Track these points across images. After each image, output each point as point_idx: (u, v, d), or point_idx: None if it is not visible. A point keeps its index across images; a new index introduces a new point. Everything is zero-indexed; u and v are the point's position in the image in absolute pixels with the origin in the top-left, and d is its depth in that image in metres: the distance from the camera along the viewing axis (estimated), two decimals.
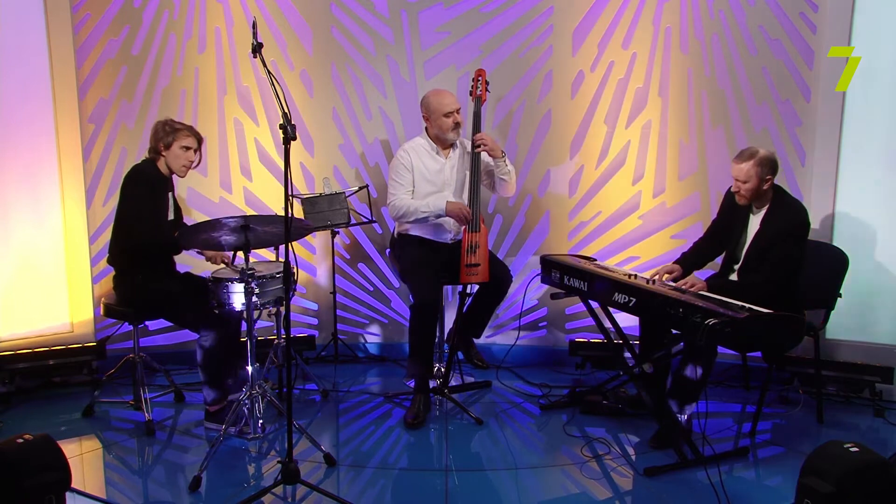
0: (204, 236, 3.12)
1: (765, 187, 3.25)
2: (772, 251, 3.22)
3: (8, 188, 3.85)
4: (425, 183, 3.72)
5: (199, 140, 3.48)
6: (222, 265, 3.61)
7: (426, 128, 3.77)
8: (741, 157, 3.24)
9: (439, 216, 3.65)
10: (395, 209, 3.69)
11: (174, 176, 3.53)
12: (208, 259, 3.63)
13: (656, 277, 3.36)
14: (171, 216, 3.55)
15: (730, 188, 3.41)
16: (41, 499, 2.27)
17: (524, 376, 4.18)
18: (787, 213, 3.26)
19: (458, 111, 3.69)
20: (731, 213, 3.45)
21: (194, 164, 3.50)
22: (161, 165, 3.45)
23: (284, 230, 2.65)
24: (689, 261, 3.52)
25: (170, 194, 3.55)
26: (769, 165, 3.22)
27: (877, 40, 3.73)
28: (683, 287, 3.21)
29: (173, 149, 3.40)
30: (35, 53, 3.85)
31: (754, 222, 3.35)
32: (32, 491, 2.26)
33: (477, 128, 3.75)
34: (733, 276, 3.42)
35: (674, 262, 3.51)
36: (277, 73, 4.26)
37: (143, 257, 3.41)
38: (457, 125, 3.69)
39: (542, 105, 4.28)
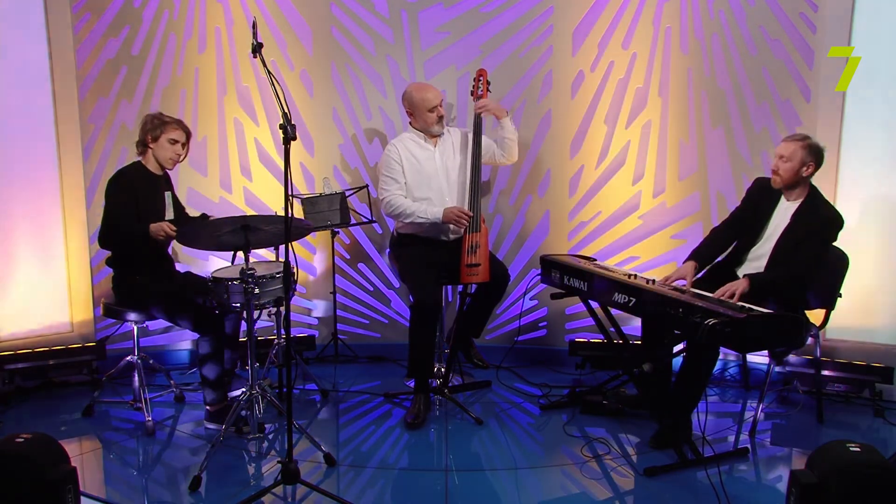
0: (204, 236, 3.13)
1: (804, 173, 3.24)
2: (803, 247, 3.21)
3: (8, 188, 3.85)
4: (415, 173, 3.72)
5: (188, 134, 3.49)
6: (163, 236, 3.29)
7: (410, 122, 3.78)
8: (791, 138, 3.26)
9: (436, 223, 3.65)
10: (391, 206, 3.69)
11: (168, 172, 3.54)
12: (152, 233, 3.27)
13: (679, 284, 3.27)
14: (170, 215, 3.54)
15: (756, 179, 3.43)
16: (64, 489, 2.33)
17: (524, 376, 4.18)
18: (823, 211, 3.26)
19: (441, 104, 3.70)
20: (757, 199, 3.41)
21: (181, 158, 3.50)
22: (150, 163, 3.45)
23: (285, 230, 2.66)
24: (705, 253, 3.43)
25: (167, 193, 3.56)
26: (815, 153, 3.23)
27: (877, 40, 3.72)
28: (724, 296, 3.05)
29: (161, 141, 3.41)
30: (35, 53, 3.85)
31: (781, 212, 3.32)
32: (56, 484, 2.32)
33: (478, 128, 3.76)
34: (745, 266, 3.38)
35: (688, 259, 3.40)
36: (277, 73, 4.26)
37: (140, 257, 3.40)
38: (440, 118, 3.71)
39: (542, 105, 4.28)
